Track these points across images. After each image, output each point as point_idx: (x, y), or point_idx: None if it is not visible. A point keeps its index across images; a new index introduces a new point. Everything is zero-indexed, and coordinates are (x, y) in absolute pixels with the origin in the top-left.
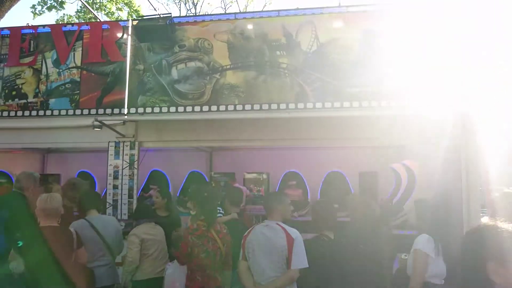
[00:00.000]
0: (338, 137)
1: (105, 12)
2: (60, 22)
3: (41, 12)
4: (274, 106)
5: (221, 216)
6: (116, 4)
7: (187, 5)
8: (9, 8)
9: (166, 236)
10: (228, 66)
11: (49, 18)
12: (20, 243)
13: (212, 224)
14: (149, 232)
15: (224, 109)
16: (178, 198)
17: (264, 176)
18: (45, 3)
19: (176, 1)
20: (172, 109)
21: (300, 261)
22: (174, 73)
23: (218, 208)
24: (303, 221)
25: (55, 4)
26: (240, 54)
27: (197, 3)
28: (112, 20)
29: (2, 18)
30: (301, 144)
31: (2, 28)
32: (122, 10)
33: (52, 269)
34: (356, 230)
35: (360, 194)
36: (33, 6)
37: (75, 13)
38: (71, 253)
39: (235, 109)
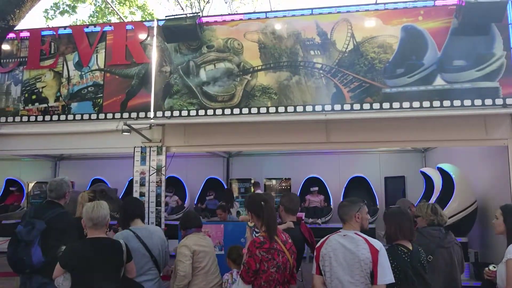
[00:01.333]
0: (379, 140)
1: (118, 17)
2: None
3: (53, 16)
4: (309, 108)
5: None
6: (129, 7)
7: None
8: (30, 9)
9: None
10: (260, 67)
11: (61, 23)
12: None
13: (275, 234)
14: (200, 243)
15: (256, 111)
16: (196, 206)
17: (286, 181)
18: (58, 8)
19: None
20: (201, 112)
21: (386, 275)
22: (203, 75)
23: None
24: (328, 228)
25: (68, 9)
26: (272, 54)
27: (203, 8)
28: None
29: (22, 18)
30: (340, 148)
31: (21, 30)
32: (135, 14)
33: (101, 285)
34: (430, 239)
35: (403, 200)
36: (46, 11)
37: (88, 18)
38: (121, 267)
39: (267, 112)
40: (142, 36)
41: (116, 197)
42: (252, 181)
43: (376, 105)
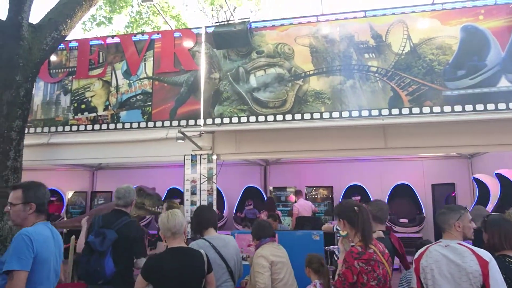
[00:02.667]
0: (440, 145)
1: (152, 27)
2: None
3: (90, 28)
4: (365, 112)
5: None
6: (166, 15)
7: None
8: (80, 19)
9: None
10: (312, 72)
11: (98, 34)
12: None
13: (371, 243)
14: (276, 253)
15: (309, 117)
16: (235, 215)
17: (327, 189)
18: (94, 19)
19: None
20: (252, 118)
21: None
22: (253, 81)
23: None
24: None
25: (104, 20)
26: (325, 58)
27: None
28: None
29: (73, 28)
30: (399, 154)
31: (70, 40)
32: (167, 24)
33: None
34: None
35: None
36: (84, 23)
37: (123, 28)
38: (202, 278)
39: (321, 117)
40: (190, 43)
41: (155, 193)
42: (293, 190)
43: (436, 109)
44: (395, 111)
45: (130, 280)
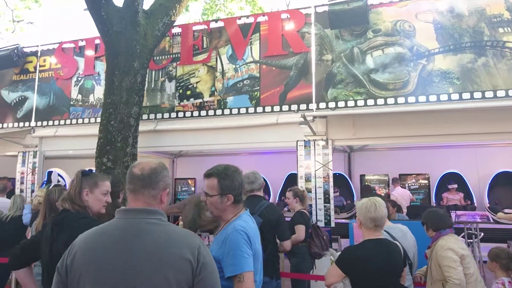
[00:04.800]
0: None
1: (226, 13)
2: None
3: None
4: (501, 93)
5: None
6: (239, 2)
7: None
8: (186, 3)
9: None
10: (437, 50)
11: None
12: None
13: None
14: (462, 246)
15: (435, 99)
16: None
17: (425, 178)
18: None
19: None
20: (370, 102)
21: None
22: (370, 62)
23: None
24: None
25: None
26: (451, 34)
27: None
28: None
29: (181, 13)
30: None
31: (173, 26)
32: (243, 10)
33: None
34: None
35: None
36: None
37: (200, 16)
38: (401, 272)
39: (449, 99)
40: (299, 24)
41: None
42: (384, 178)
43: None
44: None
45: (277, 265)
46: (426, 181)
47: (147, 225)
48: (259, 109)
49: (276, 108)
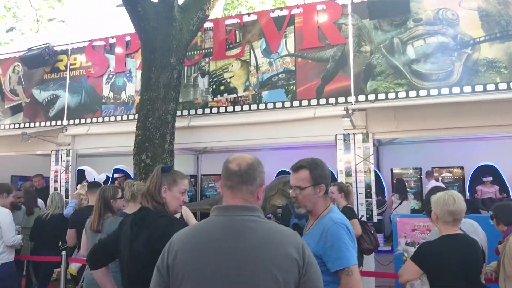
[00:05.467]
0: None
1: (247, 8)
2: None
3: None
4: None
5: None
6: None
7: None
8: None
9: None
10: (482, 38)
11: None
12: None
13: None
14: None
15: (481, 89)
16: None
17: (458, 171)
18: None
19: None
20: (412, 93)
21: None
22: (411, 52)
23: None
24: None
25: None
26: (498, 22)
27: None
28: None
29: (214, 8)
30: None
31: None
32: (265, 3)
33: None
34: None
35: None
36: None
37: (222, 11)
38: (481, 269)
39: (496, 89)
40: (335, 15)
41: None
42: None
43: None
44: None
45: None
46: (460, 174)
47: (249, 223)
48: (296, 103)
49: (313, 101)
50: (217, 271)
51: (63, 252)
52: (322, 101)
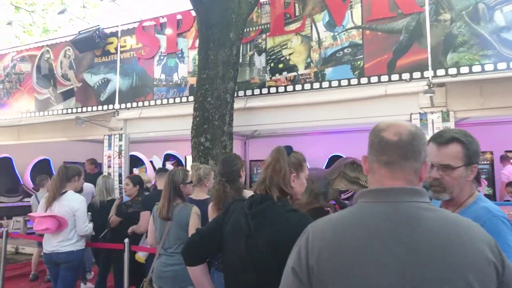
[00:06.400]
0: None
1: None
2: None
3: None
4: None
5: None
6: None
7: None
8: None
9: None
10: None
11: None
12: None
13: None
14: None
15: None
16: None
17: None
18: None
19: None
20: (501, 65)
21: None
22: (499, 19)
23: None
24: None
25: None
26: None
27: None
28: None
29: None
30: None
31: None
32: None
33: None
34: None
35: None
36: None
37: None
38: None
39: None
40: None
41: None
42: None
43: None
44: None
45: None
46: None
47: (424, 212)
48: (364, 80)
49: (384, 78)
50: (387, 276)
51: (126, 240)
52: (394, 77)
